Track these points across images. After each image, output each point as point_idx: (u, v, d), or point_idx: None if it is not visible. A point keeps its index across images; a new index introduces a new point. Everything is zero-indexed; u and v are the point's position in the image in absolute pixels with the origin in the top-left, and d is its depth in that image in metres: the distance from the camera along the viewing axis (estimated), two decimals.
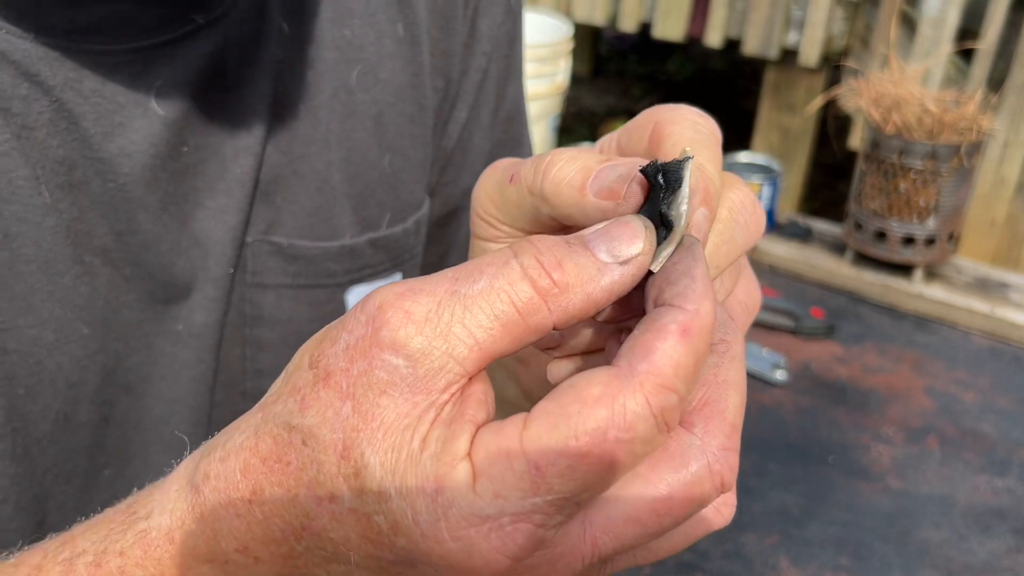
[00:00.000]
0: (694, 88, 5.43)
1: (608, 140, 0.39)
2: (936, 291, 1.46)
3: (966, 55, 2.62)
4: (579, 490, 0.28)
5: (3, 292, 0.44)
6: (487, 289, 0.29)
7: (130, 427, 0.51)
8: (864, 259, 1.53)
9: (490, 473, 0.28)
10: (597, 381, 0.28)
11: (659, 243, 0.31)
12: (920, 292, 1.46)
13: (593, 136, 4.64)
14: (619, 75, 5.61)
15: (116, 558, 0.34)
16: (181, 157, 0.48)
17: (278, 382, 0.33)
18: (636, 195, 0.32)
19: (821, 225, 1.67)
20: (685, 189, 0.31)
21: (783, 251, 1.57)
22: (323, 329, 0.32)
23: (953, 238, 1.47)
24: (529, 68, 2.72)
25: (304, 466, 0.30)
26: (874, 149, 1.43)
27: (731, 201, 0.35)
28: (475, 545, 0.28)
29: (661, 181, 0.31)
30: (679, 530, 0.32)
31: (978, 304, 1.43)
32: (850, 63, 2.91)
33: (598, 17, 3.29)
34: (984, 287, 1.48)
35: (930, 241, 1.44)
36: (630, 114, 5.30)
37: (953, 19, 2.47)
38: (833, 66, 3.06)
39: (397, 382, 0.29)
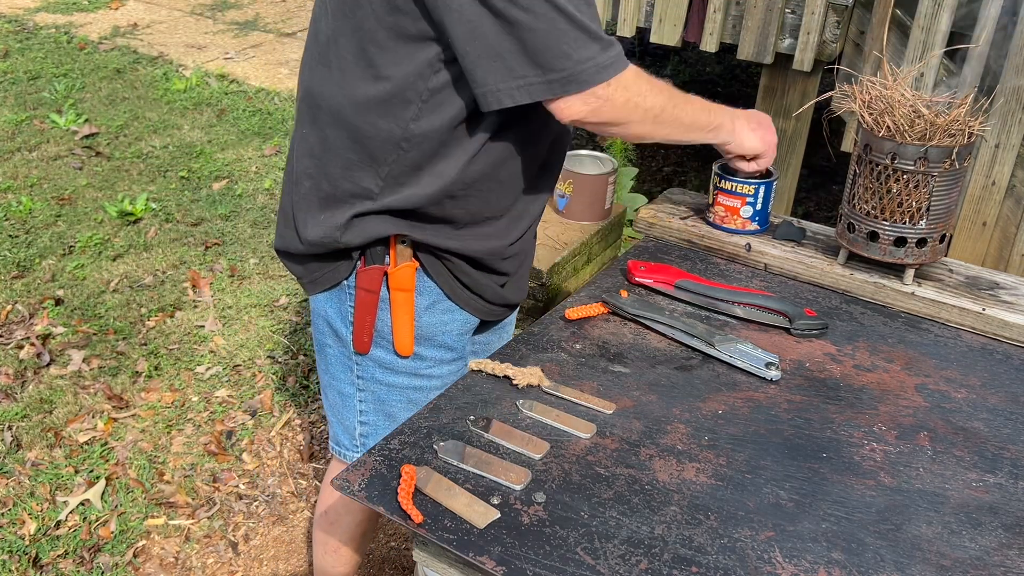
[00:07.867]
0: (690, 92, 5.43)
1: None
2: (927, 291, 1.48)
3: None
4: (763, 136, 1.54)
5: None
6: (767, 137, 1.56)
7: None
8: (857, 259, 1.55)
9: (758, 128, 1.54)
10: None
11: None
12: (912, 292, 1.48)
13: (592, 140, 4.65)
14: None
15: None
16: None
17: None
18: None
19: (814, 226, 1.68)
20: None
21: (777, 252, 1.58)
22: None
23: (944, 239, 1.49)
24: None
25: (751, 115, 1.50)
26: (866, 152, 1.44)
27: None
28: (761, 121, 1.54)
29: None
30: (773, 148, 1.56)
31: (969, 304, 1.44)
32: (843, 67, 2.93)
33: None
34: (975, 287, 1.49)
35: (921, 242, 1.45)
36: None
37: (944, 24, 2.49)
38: (826, 70, 3.08)
39: (763, 124, 1.55)
